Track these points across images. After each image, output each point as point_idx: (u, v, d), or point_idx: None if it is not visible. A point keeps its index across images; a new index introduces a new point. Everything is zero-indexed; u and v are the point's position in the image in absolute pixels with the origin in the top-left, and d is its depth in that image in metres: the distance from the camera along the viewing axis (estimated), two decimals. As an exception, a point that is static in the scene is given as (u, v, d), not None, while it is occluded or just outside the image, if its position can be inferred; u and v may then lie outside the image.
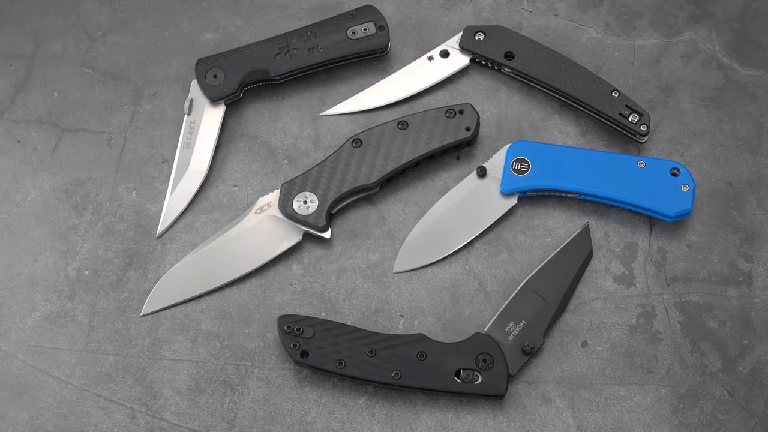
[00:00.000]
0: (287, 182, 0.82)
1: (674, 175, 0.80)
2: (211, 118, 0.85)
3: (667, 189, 0.80)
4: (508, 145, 0.82)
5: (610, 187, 0.80)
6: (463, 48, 0.87)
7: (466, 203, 0.82)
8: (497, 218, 0.82)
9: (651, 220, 0.82)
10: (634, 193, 0.80)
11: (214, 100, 0.85)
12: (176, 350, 0.79)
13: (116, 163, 0.85)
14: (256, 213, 0.82)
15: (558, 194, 0.82)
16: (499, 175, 0.82)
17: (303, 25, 0.87)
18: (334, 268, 0.81)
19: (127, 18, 0.91)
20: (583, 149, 0.83)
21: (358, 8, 0.88)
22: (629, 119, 0.83)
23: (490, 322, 0.77)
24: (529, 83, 0.87)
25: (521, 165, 0.81)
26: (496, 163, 0.82)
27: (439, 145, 0.82)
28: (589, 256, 0.81)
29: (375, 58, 0.89)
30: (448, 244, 0.81)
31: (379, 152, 0.82)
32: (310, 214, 0.80)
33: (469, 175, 0.83)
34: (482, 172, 0.82)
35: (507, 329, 0.77)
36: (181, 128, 0.85)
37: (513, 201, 0.82)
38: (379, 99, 0.87)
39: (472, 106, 0.84)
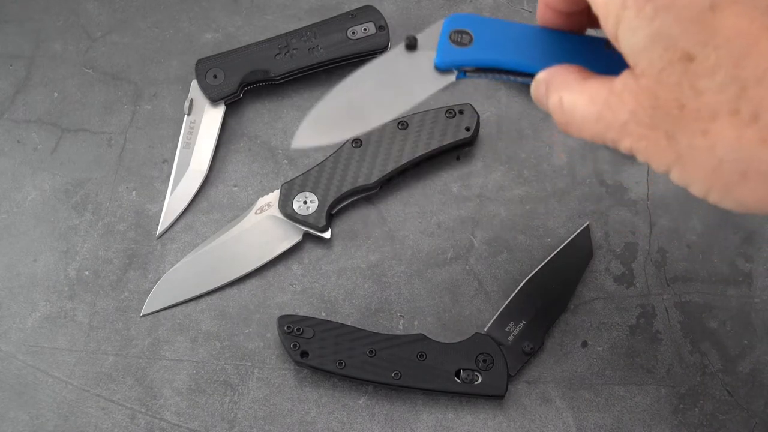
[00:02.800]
0: (287, 182, 0.82)
1: None
2: (211, 118, 0.85)
3: None
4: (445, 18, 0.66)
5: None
6: (463, 47, 0.86)
7: (390, 78, 0.65)
8: (428, 95, 0.65)
9: (651, 219, 0.82)
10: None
11: (214, 100, 0.85)
12: (176, 350, 0.79)
13: (116, 163, 0.85)
14: (256, 213, 0.82)
15: (502, 74, 0.65)
16: (434, 50, 0.65)
17: (303, 25, 0.87)
18: (334, 268, 0.81)
19: (127, 18, 0.91)
20: (543, 28, 0.64)
21: (358, 8, 0.88)
22: (629, 119, 0.82)
23: (490, 322, 0.77)
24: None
25: (462, 37, 0.65)
26: (432, 34, 0.65)
27: (439, 145, 0.82)
28: (589, 256, 0.81)
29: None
30: (365, 122, 0.64)
31: (379, 152, 0.82)
32: (310, 214, 0.80)
33: (395, 47, 0.66)
34: (412, 42, 0.64)
35: (507, 329, 0.77)
36: (181, 128, 0.85)
37: (450, 78, 0.65)
38: (378, 98, 0.86)
39: (472, 106, 0.83)
